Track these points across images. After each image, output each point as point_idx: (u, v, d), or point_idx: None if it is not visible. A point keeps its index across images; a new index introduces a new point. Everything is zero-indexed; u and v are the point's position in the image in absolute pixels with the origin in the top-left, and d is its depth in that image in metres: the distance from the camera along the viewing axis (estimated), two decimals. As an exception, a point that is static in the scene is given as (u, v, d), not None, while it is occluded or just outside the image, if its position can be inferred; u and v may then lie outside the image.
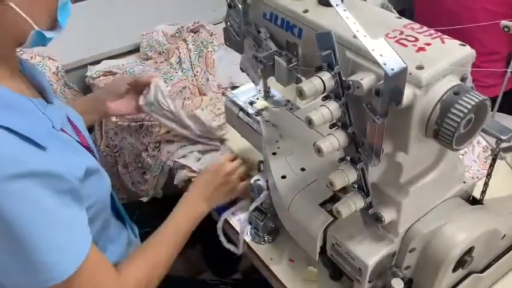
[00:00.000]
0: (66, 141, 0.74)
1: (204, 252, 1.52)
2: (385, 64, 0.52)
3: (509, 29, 0.97)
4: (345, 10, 0.56)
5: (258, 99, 0.99)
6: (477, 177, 1.02)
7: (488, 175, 0.75)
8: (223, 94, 1.27)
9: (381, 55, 0.53)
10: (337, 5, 0.55)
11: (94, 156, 0.80)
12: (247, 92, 1.01)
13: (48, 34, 0.71)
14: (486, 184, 0.77)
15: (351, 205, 0.67)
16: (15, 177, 0.60)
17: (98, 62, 1.50)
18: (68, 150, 0.72)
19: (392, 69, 0.52)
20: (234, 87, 1.24)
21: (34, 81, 0.78)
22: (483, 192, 0.78)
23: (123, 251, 0.92)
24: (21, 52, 1.38)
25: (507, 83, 1.01)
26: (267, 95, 0.98)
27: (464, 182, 0.78)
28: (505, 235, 0.77)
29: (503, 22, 0.97)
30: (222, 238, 0.95)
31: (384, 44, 0.53)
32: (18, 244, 0.62)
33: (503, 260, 0.81)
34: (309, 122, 0.61)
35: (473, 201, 0.80)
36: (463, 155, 1.05)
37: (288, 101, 0.98)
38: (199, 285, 1.17)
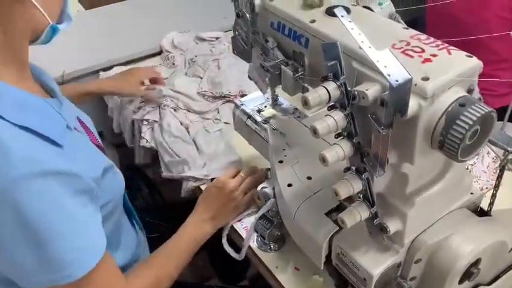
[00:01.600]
0: (80, 140, 0.75)
1: (211, 259, 1.52)
2: (389, 75, 0.52)
3: (519, 38, 0.96)
4: (350, 21, 0.56)
5: (266, 107, 1.00)
6: (486, 188, 1.01)
7: (496, 186, 0.74)
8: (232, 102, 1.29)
9: (386, 66, 0.53)
10: (342, 16, 0.56)
11: (105, 154, 0.81)
12: (256, 100, 1.02)
13: (61, 26, 0.72)
14: (494, 195, 0.76)
15: (356, 215, 0.67)
16: (35, 176, 0.61)
17: (109, 68, 1.52)
18: (84, 149, 0.73)
19: (397, 81, 0.52)
20: (243, 95, 1.25)
21: (42, 82, 0.79)
22: (491, 203, 0.77)
23: (132, 251, 0.93)
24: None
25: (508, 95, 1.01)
26: (275, 103, 0.99)
27: (472, 193, 0.77)
28: (512, 248, 0.76)
29: (514, 31, 0.97)
30: (225, 242, 0.95)
31: (389, 55, 0.54)
32: (35, 241, 0.63)
33: (511, 273, 0.80)
34: (314, 132, 0.61)
35: (481, 213, 0.79)
36: (472, 165, 1.04)
37: (296, 109, 0.99)
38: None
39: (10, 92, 0.66)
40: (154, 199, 1.88)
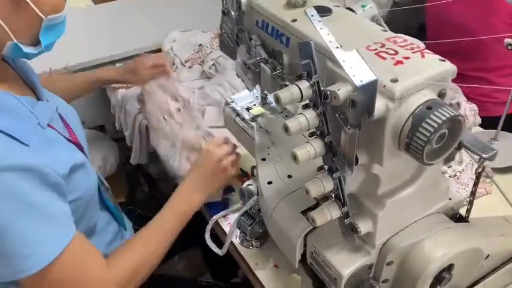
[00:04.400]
0: (52, 138, 0.76)
1: (204, 255, 1.53)
2: (354, 76, 0.53)
3: (512, 46, 0.96)
4: (319, 21, 0.56)
5: (255, 105, 1.00)
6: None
7: (473, 193, 0.74)
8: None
9: (351, 67, 0.54)
10: (312, 15, 0.56)
11: (83, 151, 0.82)
12: (246, 98, 1.03)
13: (26, 49, 0.72)
14: (471, 202, 0.76)
15: (327, 214, 0.67)
16: None
17: (111, 63, 1.55)
18: (53, 146, 0.74)
19: (361, 81, 0.53)
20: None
21: (25, 78, 0.81)
22: (468, 210, 0.77)
23: (111, 243, 0.94)
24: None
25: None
26: (264, 102, 0.99)
27: (450, 199, 0.77)
28: (489, 255, 0.76)
29: (507, 40, 0.96)
30: (208, 237, 0.96)
31: (355, 56, 0.54)
32: None
33: (489, 279, 0.80)
34: (285, 129, 0.62)
35: (459, 219, 0.79)
36: (460, 172, 1.04)
37: (284, 108, 0.99)
38: (196, 287, 1.19)
39: None
40: (153, 194, 1.90)
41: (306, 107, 0.64)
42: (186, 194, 0.93)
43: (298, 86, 0.61)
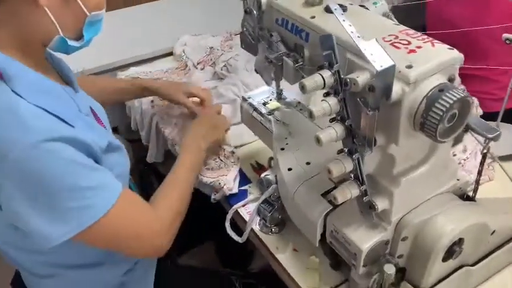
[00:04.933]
0: (90, 123, 0.83)
1: (216, 250, 1.59)
2: (374, 61, 0.59)
3: (510, 41, 1.03)
4: (342, 14, 0.63)
5: (271, 100, 1.07)
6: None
7: (479, 173, 0.81)
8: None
9: (372, 54, 0.60)
10: (335, 9, 0.63)
11: None
12: (262, 94, 1.09)
13: (70, 42, 0.80)
14: (478, 181, 0.82)
15: (347, 192, 0.73)
16: (48, 140, 0.70)
17: (126, 66, 1.61)
18: (92, 129, 0.81)
19: (381, 66, 0.59)
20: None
21: (61, 73, 0.88)
22: (475, 189, 0.84)
23: None
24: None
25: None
26: (280, 97, 1.06)
27: (458, 180, 0.83)
28: (494, 231, 0.82)
29: (505, 35, 1.03)
30: (228, 225, 1.02)
31: (375, 45, 0.61)
32: (51, 195, 0.72)
33: (494, 255, 0.86)
34: (310, 115, 0.68)
35: (467, 199, 0.85)
36: (465, 159, 1.10)
37: (299, 102, 1.06)
38: (210, 275, 1.24)
39: (29, 75, 0.76)
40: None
41: (326, 94, 0.71)
42: (193, 141, 1.07)
43: (321, 75, 0.68)
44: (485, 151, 0.77)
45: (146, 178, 1.97)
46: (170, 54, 1.67)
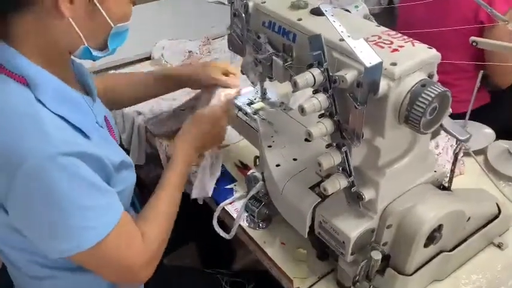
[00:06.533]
0: (105, 136, 0.85)
1: (198, 251, 1.60)
2: (364, 58, 0.64)
3: (477, 43, 1.10)
4: (332, 15, 0.68)
5: (255, 99, 1.11)
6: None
7: (452, 171, 0.88)
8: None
9: (361, 51, 0.65)
10: (326, 10, 0.68)
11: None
12: (246, 94, 1.13)
13: (94, 52, 0.81)
14: (452, 171, 0.89)
15: (336, 183, 0.78)
16: (64, 154, 0.71)
17: (104, 70, 1.62)
18: (106, 143, 0.83)
19: (370, 63, 0.64)
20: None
21: (81, 80, 0.89)
22: (450, 180, 0.90)
23: None
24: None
25: (475, 100, 1.15)
26: (264, 97, 1.10)
27: (435, 171, 0.89)
28: (470, 218, 0.88)
29: (472, 38, 1.11)
30: (215, 223, 1.04)
31: (364, 43, 0.66)
32: (58, 210, 0.72)
33: (470, 241, 0.92)
34: (302, 110, 0.73)
35: (443, 189, 0.92)
36: (437, 155, 1.17)
37: (282, 102, 1.10)
38: (198, 275, 1.26)
39: (53, 82, 0.77)
40: (144, 199, 1.96)
41: (315, 92, 0.75)
42: (186, 154, 1.01)
43: (311, 73, 0.72)
44: (457, 151, 0.83)
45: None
46: (148, 58, 1.69)
